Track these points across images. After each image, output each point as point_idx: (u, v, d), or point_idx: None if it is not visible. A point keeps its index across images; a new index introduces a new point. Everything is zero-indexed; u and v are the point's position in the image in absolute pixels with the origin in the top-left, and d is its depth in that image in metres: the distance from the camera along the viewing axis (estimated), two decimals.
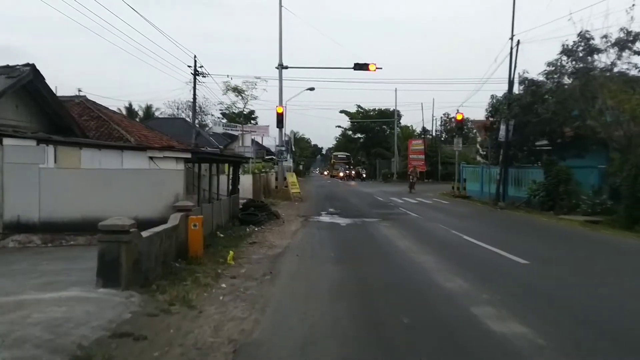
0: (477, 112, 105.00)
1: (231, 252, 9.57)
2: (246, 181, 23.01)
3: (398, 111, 69.25)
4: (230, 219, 15.32)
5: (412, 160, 57.58)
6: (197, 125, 55.70)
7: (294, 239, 12.44)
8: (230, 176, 16.83)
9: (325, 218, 17.90)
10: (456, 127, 29.41)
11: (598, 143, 20.63)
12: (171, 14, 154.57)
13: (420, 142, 58.08)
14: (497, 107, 24.81)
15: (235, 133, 43.96)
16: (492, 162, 25.86)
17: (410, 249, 10.88)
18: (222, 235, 12.42)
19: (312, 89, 47.71)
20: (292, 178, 26.86)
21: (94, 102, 23.20)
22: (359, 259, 9.85)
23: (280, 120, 28.69)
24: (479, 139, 57.55)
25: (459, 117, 28.92)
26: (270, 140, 57.27)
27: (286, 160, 43.89)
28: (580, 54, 19.38)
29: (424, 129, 75.34)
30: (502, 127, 22.44)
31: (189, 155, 10.16)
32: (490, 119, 25.77)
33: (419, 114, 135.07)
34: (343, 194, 32.69)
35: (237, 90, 39.89)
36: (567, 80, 20.60)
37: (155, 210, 10.21)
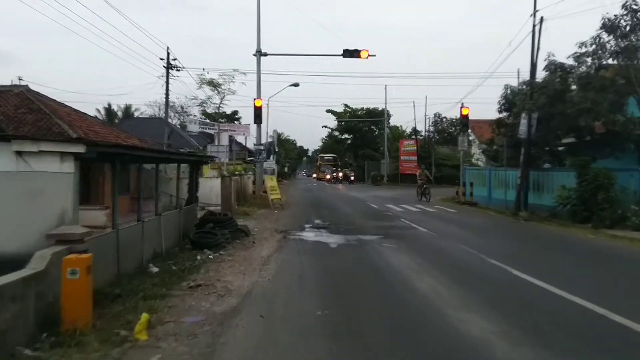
0: (474, 111, 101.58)
1: (144, 316, 5.50)
2: (215, 186, 19.00)
3: (387, 111, 65.64)
4: (180, 240, 11.25)
5: (404, 162, 53.92)
6: (179, 127, 51.46)
7: (263, 276, 8.38)
8: (185, 180, 12.79)
9: (309, 234, 13.87)
10: (461, 124, 25.58)
11: (637, 141, 17.11)
12: (154, 17, 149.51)
13: (413, 143, 54.32)
14: (511, 100, 21.03)
15: (212, 132, 39.80)
16: (507, 163, 22.03)
17: (443, 299, 6.87)
18: (155, 269, 8.34)
19: (296, 84, 43.99)
20: (271, 182, 22.82)
21: (37, 93, 19.64)
22: (365, 325, 5.82)
23: (258, 115, 24.68)
24: (472, 139, 54.08)
25: (465, 111, 25.10)
26: (254, 140, 53.19)
27: (266, 161, 39.83)
28: (625, 29, 15.74)
29: (415, 128, 71.84)
30: (523, 122, 18.63)
31: (80, 150, 6.07)
32: (504, 113, 21.98)
33: (409, 114, 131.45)
34: (331, 200, 28.71)
35: (213, 84, 35.84)
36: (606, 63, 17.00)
37: (26, 240, 6.12)
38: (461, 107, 25.31)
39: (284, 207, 22.85)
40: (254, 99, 24.86)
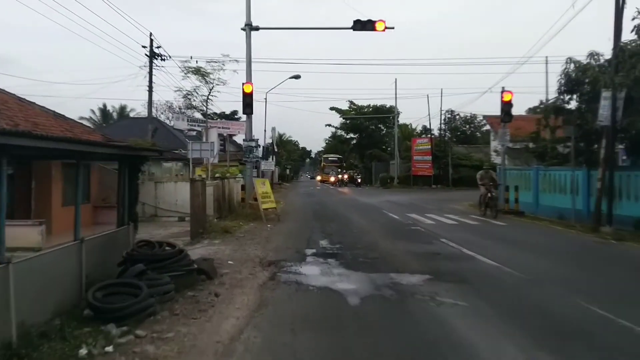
0: (494, 106, 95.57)
1: None
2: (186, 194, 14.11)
3: (396, 108, 60.44)
4: (80, 300, 6.22)
5: (417, 162, 48.81)
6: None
7: None
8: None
9: (312, 271, 8.83)
10: (502, 113, 20.37)
11: None
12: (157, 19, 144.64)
13: (427, 141, 49.17)
14: (576, 78, 16.02)
15: (199, 129, 34.81)
16: (572, 160, 16.87)
17: None
18: None
19: (297, 76, 40.04)
20: (262, 187, 17.77)
21: None
22: None
23: (248, 103, 19.66)
24: (493, 139, 48.88)
25: (507, 97, 20.00)
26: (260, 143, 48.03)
27: (263, 162, 34.84)
28: None
29: (424, 127, 66.63)
30: (605, 104, 13.55)
31: None
32: (566, 96, 16.91)
33: (418, 111, 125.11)
34: (338, 208, 23.66)
35: (200, 73, 30.94)
36: None
37: None
38: (502, 92, 20.19)
39: (279, 219, 17.87)
40: (243, 84, 19.87)
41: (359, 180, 52.90)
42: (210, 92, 30.18)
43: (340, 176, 56.82)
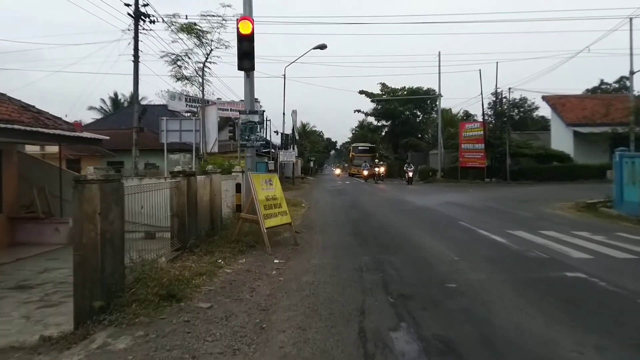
0: (554, 84, 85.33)
1: None
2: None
3: (434, 90, 51.98)
4: None
5: (466, 151, 40.37)
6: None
7: None
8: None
9: None
10: None
11: None
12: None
13: (478, 126, 40.62)
14: None
15: (195, 110, 27.38)
16: None
17: None
18: None
19: (323, 46, 32.99)
20: (265, 189, 10.07)
21: None
22: None
23: (246, 52, 11.91)
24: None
25: None
26: (278, 129, 40.35)
27: (280, 151, 27.19)
28: None
29: (466, 112, 58.11)
30: None
31: None
32: None
33: (458, 95, 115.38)
34: (388, 216, 15.80)
35: (193, 31, 23.26)
36: None
37: None
38: None
39: (297, 243, 10.24)
40: (237, 20, 12.18)
41: (410, 174, 39.46)
42: (207, 58, 22.43)
43: (377, 169, 45.89)
